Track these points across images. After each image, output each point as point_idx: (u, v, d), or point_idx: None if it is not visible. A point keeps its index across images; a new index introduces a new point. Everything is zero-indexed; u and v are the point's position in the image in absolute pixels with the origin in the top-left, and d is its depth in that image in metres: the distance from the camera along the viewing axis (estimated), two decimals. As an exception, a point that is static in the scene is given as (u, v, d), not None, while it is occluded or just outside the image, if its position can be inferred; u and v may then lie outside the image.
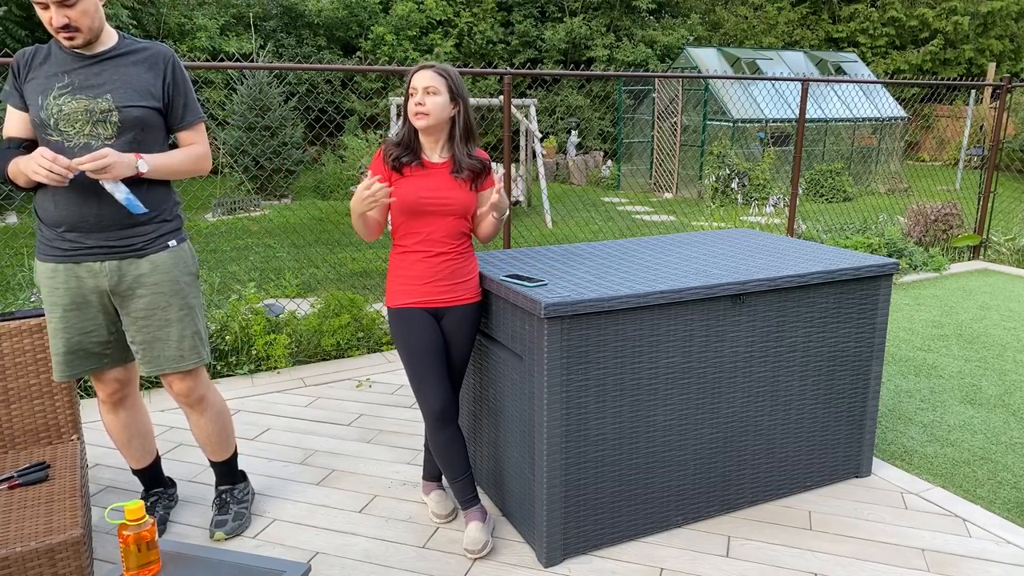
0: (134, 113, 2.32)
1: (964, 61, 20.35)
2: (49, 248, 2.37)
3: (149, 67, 2.38)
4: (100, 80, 2.30)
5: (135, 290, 2.42)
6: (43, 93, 2.27)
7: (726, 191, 11.39)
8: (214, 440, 2.72)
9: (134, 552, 1.80)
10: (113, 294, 2.42)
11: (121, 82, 2.32)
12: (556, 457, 2.46)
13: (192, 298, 2.53)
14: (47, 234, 2.37)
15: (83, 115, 2.27)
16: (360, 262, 7.35)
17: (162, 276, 2.44)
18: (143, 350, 2.48)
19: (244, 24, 14.64)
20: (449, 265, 2.55)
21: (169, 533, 2.73)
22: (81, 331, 2.42)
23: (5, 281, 6.27)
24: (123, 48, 2.36)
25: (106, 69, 2.32)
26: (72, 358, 2.44)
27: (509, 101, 4.51)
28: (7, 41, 10.62)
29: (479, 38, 16.00)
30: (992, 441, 3.50)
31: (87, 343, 2.45)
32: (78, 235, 2.34)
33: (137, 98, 2.33)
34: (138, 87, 2.34)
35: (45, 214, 2.35)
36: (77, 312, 2.40)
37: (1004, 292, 6.12)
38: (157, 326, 2.46)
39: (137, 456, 2.74)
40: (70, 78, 2.29)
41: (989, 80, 16.87)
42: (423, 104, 2.42)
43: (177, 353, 2.51)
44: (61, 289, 2.38)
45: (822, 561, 2.59)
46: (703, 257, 2.98)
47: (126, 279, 2.40)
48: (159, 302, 2.44)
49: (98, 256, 2.37)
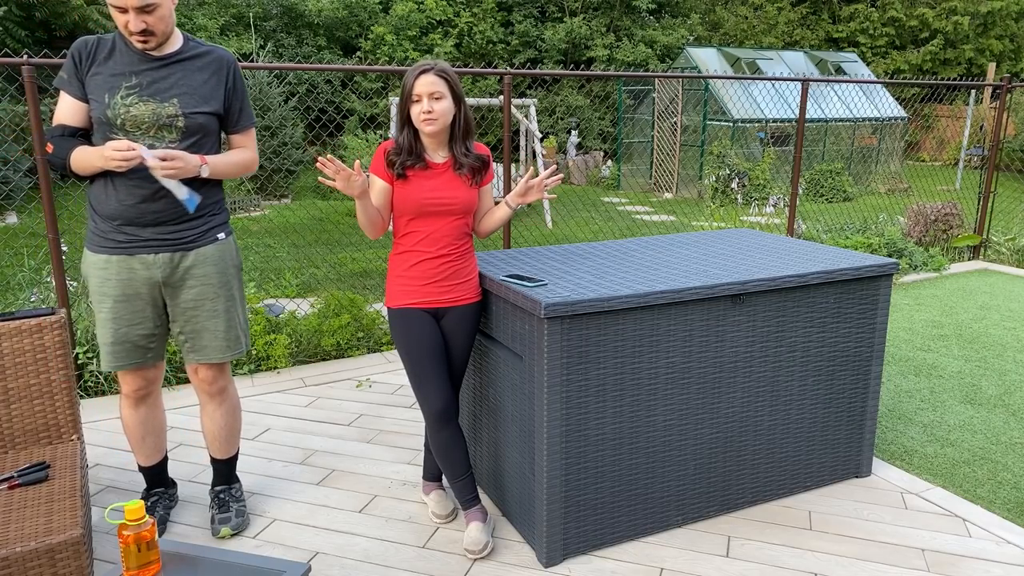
0: (199, 120, 2.42)
1: (964, 61, 20.35)
2: (103, 240, 2.44)
3: (213, 72, 2.47)
4: (167, 84, 2.38)
5: (185, 281, 2.51)
6: (110, 91, 2.33)
7: (726, 191, 11.39)
8: (224, 434, 2.75)
9: (134, 552, 1.80)
10: (164, 285, 2.50)
11: (188, 87, 2.41)
12: (556, 457, 2.46)
13: (236, 289, 2.64)
14: (102, 226, 2.43)
15: (150, 118, 2.35)
16: (360, 262, 7.35)
17: (211, 268, 2.53)
18: (191, 339, 2.57)
19: (244, 24, 14.64)
20: (450, 266, 2.55)
21: (169, 533, 2.73)
22: (129, 323, 2.49)
23: (5, 281, 6.27)
24: (188, 52, 2.44)
25: (173, 73, 2.40)
26: (119, 349, 2.50)
27: (509, 101, 4.51)
28: (7, 41, 10.62)
29: (479, 38, 15.99)
30: (992, 441, 3.50)
31: (133, 335, 2.51)
32: (135, 228, 2.42)
33: (202, 104, 2.43)
34: (203, 93, 2.44)
35: (101, 207, 2.41)
36: (127, 304, 2.47)
37: (1004, 292, 6.12)
38: (206, 316, 2.55)
39: (147, 453, 2.75)
40: (138, 79, 2.35)
41: (989, 80, 16.86)
42: (431, 111, 2.42)
43: (224, 343, 2.60)
44: (113, 280, 2.45)
45: (822, 561, 2.59)
46: (703, 257, 2.98)
47: (178, 271, 2.49)
48: (208, 293, 2.54)
49: (152, 248, 2.45)
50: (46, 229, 3.70)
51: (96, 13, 11.18)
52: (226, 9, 14.38)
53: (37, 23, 11.15)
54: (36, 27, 11.23)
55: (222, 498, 2.78)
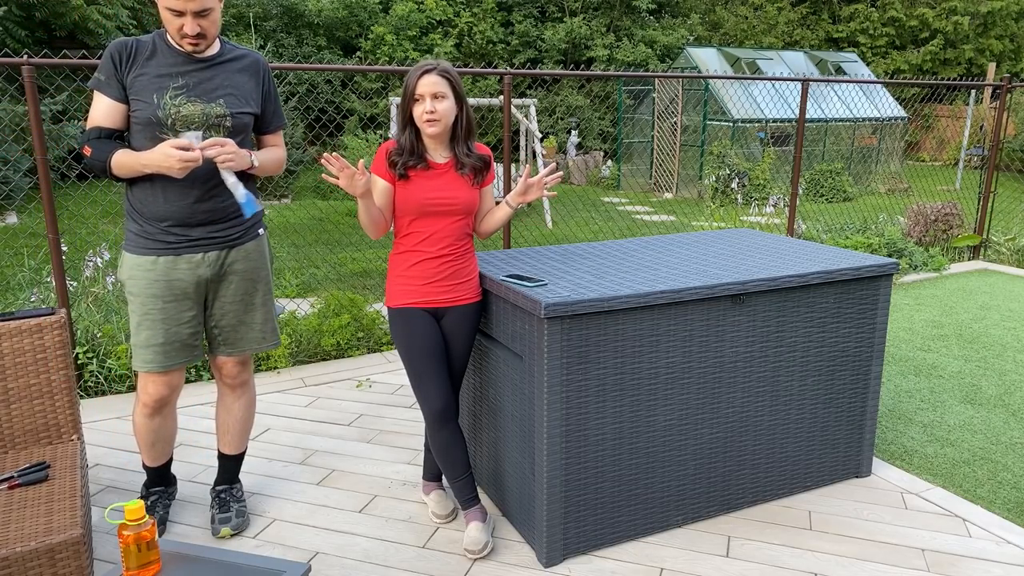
0: (243, 120, 2.48)
1: (964, 61, 20.35)
2: (149, 242, 2.46)
3: (251, 75, 2.53)
4: (213, 85, 2.43)
5: (228, 276, 2.57)
6: (158, 92, 2.35)
7: (726, 191, 11.39)
8: (238, 428, 2.78)
9: (134, 552, 1.80)
10: (210, 282, 2.54)
11: (232, 88, 2.47)
12: (556, 457, 2.46)
13: (270, 284, 2.70)
14: (148, 228, 2.45)
15: (200, 118, 2.39)
16: (360, 262, 7.35)
17: (252, 263, 2.60)
18: (229, 332, 2.63)
19: (244, 24, 14.63)
20: (451, 266, 2.55)
21: (169, 533, 2.73)
22: (178, 322, 2.52)
23: (5, 281, 6.27)
24: (228, 55, 2.50)
25: (217, 74, 2.44)
26: (169, 349, 2.52)
27: (509, 101, 4.51)
28: (7, 41, 10.62)
29: (479, 38, 15.99)
30: (992, 441, 3.50)
31: (183, 334, 2.54)
32: (185, 229, 2.46)
33: (244, 105, 2.49)
34: (245, 94, 2.49)
35: (148, 208, 2.43)
36: (176, 304, 2.50)
37: (1004, 292, 6.12)
38: (244, 310, 2.62)
39: (155, 456, 2.76)
40: (184, 80, 2.39)
41: (989, 80, 16.86)
42: (434, 111, 2.42)
43: (260, 335, 2.68)
44: (161, 282, 2.47)
45: (822, 561, 2.59)
46: (703, 257, 2.98)
47: (224, 268, 2.55)
48: (247, 287, 2.61)
49: (201, 247, 2.49)
50: (46, 229, 3.70)
51: (96, 13, 11.18)
52: (226, 9, 14.37)
53: (37, 23, 11.14)
54: (36, 27, 11.22)
55: (223, 498, 2.78)
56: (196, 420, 3.66)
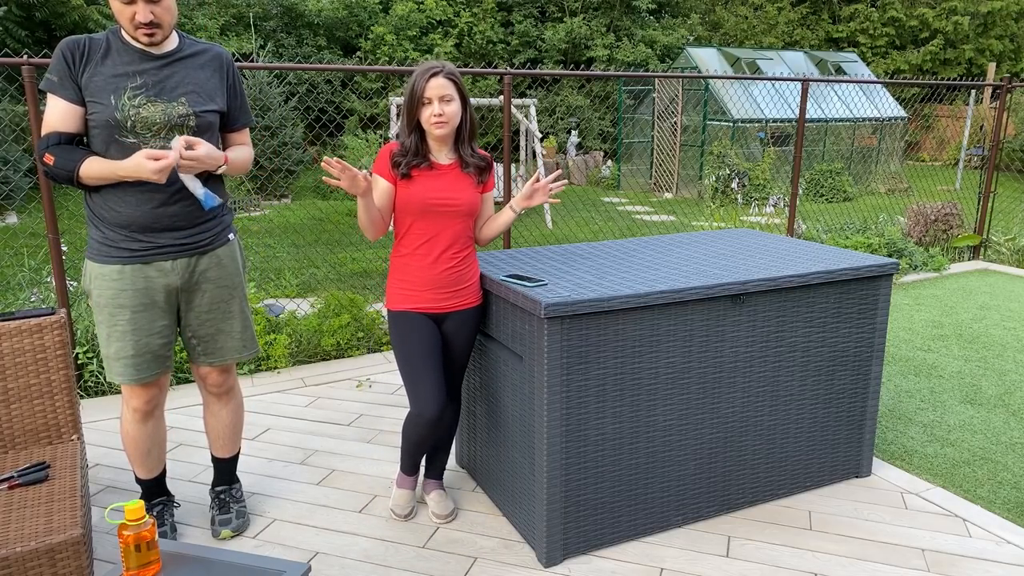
0: (208, 119, 2.37)
1: (964, 61, 20.35)
2: (114, 250, 2.35)
3: (214, 70, 2.41)
4: (173, 83, 2.31)
5: (200, 285, 2.47)
6: (115, 93, 2.23)
7: (726, 191, 11.39)
8: (228, 432, 2.74)
9: (134, 552, 1.80)
10: (181, 291, 2.45)
11: (194, 85, 2.34)
12: (556, 457, 2.46)
13: (245, 289, 2.62)
14: (111, 235, 2.34)
15: (161, 118, 2.28)
16: (360, 262, 7.35)
17: (224, 270, 2.51)
18: (208, 342, 2.54)
19: (244, 24, 14.63)
20: (452, 273, 2.55)
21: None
22: (149, 332, 2.42)
23: (5, 281, 6.27)
24: (187, 50, 2.37)
25: (176, 71, 2.32)
26: (140, 361, 2.43)
27: (509, 101, 4.51)
28: (7, 41, 10.62)
29: (479, 38, 15.99)
30: (992, 441, 3.50)
31: (154, 345, 2.44)
32: (151, 235, 2.35)
33: (208, 102, 2.37)
34: (208, 91, 2.38)
35: (110, 215, 2.32)
36: (145, 313, 2.40)
37: (1004, 292, 6.12)
38: (221, 319, 2.54)
39: (151, 466, 2.67)
40: (142, 78, 2.26)
41: (989, 80, 16.86)
42: (442, 114, 2.41)
43: (240, 343, 2.60)
44: (129, 291, 2.36)
45: (822, 561, 2.59)
46: (703, 257, 2.98)
47: (195, 275, 2.45)
48: (223, 295, 2.52)
49: (169, 254, 2.38)
50: (46, 229, 3.70)
51: (96, 13, 11.18)
52: (226, 9, 14.37)
53: (37, 23, 11.14)
54: (36, 27, 11.23)
55: (222, 499, 2.78)
56: (195, 420, 3.66)
